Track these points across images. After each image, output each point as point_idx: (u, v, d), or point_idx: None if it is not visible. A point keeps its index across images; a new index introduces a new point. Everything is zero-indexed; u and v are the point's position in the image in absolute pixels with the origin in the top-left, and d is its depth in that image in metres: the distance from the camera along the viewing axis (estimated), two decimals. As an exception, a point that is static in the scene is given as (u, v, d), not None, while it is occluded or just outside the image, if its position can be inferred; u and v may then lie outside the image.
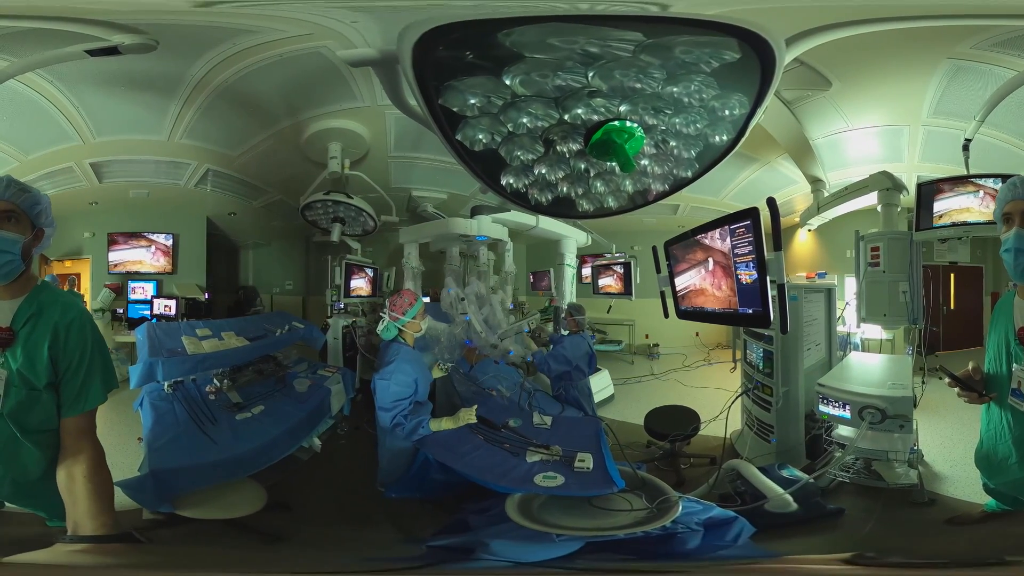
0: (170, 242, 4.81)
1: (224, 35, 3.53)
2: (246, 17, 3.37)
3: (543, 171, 2.82)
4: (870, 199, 4.16)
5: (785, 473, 3.41)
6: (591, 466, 3.01)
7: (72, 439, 2.25)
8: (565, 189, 2.96)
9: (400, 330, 3.58)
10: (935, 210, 3.84)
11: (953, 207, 3.79)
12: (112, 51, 3.28)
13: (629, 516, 2.80)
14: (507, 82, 2.32)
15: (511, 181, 2.85)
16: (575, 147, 2.70)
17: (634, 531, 2.67)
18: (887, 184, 4.02)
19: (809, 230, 4.91)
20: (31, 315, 2.20)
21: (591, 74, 2.31)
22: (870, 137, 4.18)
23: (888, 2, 3.02)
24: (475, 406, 3.39)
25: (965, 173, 3.79)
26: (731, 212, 3.12)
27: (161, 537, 2.94)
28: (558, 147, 2.70)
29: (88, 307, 4.48)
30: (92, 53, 3.29)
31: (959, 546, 3.12)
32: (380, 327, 3.62)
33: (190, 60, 3.71)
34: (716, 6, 2.64)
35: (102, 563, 2.20)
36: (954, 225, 3.77)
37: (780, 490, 3.15)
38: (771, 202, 2.91)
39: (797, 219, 4.88)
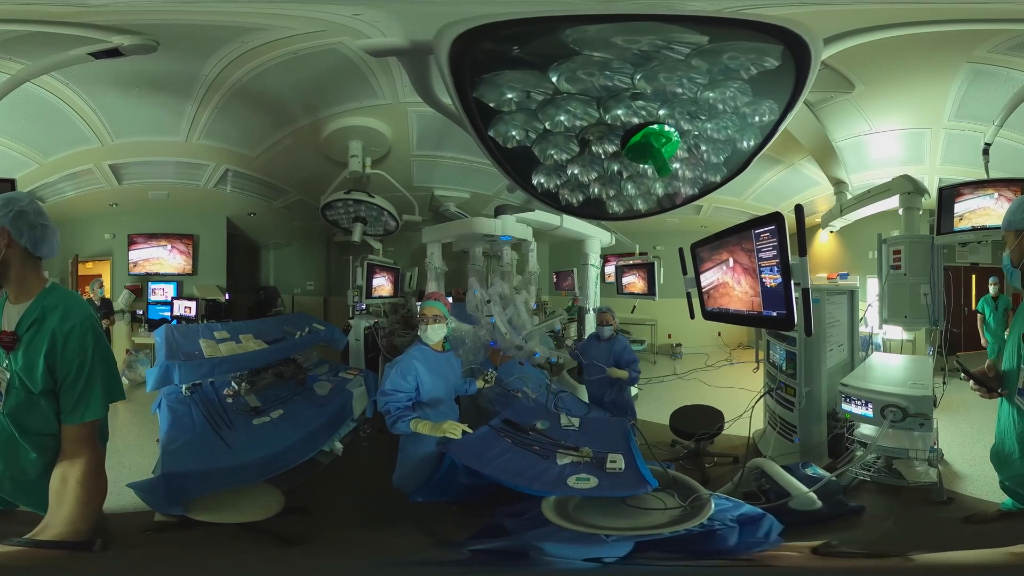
0: (190, 243, 4.79)
1: (230, 34, 3.52)
2: (251, 16, 3.35)
3: (576, 171, 2.81)
4: (892, 202, 4.22)
5: (808, 471, 3.45)
6: (623, 466, 3.00)
7: (71, 445, 2.19)
8: (597, 190, 2.95)
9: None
10: (956, 213, 3.89)
11: (973, 211, 3.84)
12: (114, 52, 3.27)
13: (665, 515, 2.79)
14: (553, 79, 2.30)
15: (542, 181, 2.83)
16: (611, 148, 2.69)
17: (677, 529, 2.67)
18: (908, 188, 4.08)
19: (831, 232, 4.95)
20: (34, 320, 2.15)
21: (638, 76, 2.31)
22: (892, 140, 4.23)
23: (909, 6, 3.05)
24: (464, 424, 3.25)
25: (985, 177, 3.85)
26: (756, 216, 3.15)
27: (166, 541, 2.94)
28: (593, 147, 2.69)
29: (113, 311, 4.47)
30: (95, 55, 3.29)
31: (973, 544, 3.16)
32: None
33: (200, 59, 3.70)
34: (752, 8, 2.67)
35: (30, 567, 2.09)
36: (974, 229, 3.83)
37: (804, 488, 3.18)
38: (798, 209, 2.95)
39: (819, 220, 4.92)
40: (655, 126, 2.53)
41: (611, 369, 4.37)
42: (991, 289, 4.46)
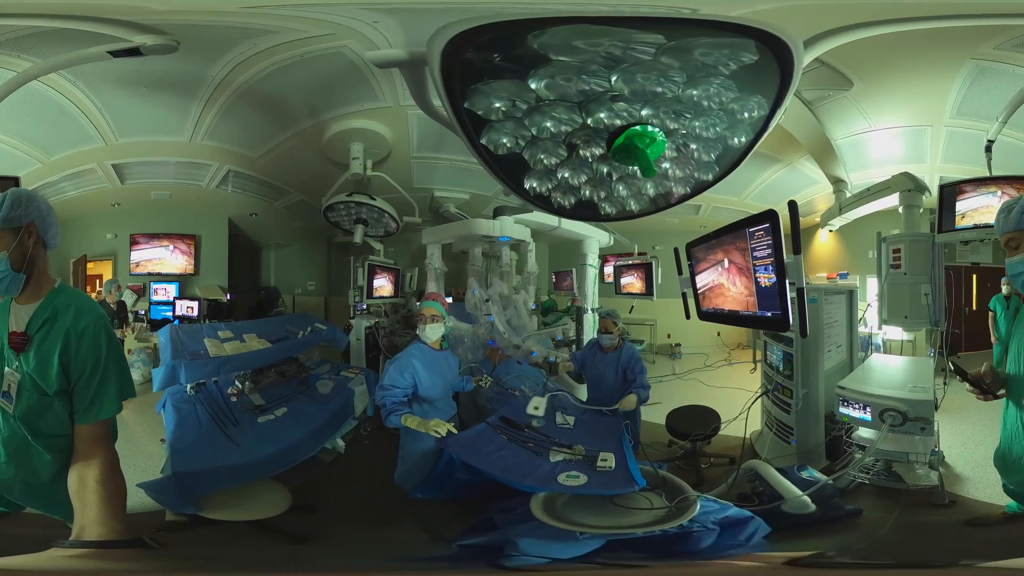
0: (192, 243, 4.84)
1: (245, 35, 3.54)
2: (267, 18, 3.38)
3: (566, 175, 2.83)
4: (892, 200, 4.17)
5: (804, 474, 3.41)
6: (613, 465, 3.04)
7: (85, 445, 2.20)
8: (588, 193, 2.97)
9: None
10: (957, 211, 3.83)
11: (975, 209, 3.78)
12: (134, 52, 3.28)
13: (649, 514, 2.84)
14: (532, 85, 2.32)
15: (534, 185, 2.86)
16: (598, 151, 2.70)
17: (652, 529, 2.71)
18: (909, 185, 4.03)
19: (831, 231, 4.90)
20: (45, 320, 2.16)
21: (614, 78, 2.31)
22: (892, 138, 4.17)
23: (909, 2, 3.01)
24: (452, 421, 3.35)
25: (988, 174, 3.78)
26: (751, 215, 3.13)
27: (181, 540, 2.99)
28: (581, 151, 2.71)
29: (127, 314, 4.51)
30: (114, 54, 3.30)
31: (977, 547, 3.12)
32: None
33: (211, 61, 3.73)
34: (737, 8, 2.65)
35: (106, 568, 2.15)
36: (976, 227, 3.76)
37: (798, 491, 3.16)
38: (792, 206, 2.91)
39: (818, 219, 4.87)
40: (638, 127, 2.53)
41: (624, 401, 3.90)
42: (1003, 288, 4.37)
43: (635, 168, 2.73)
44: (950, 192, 3.85)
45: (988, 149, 3.77)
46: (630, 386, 4.05)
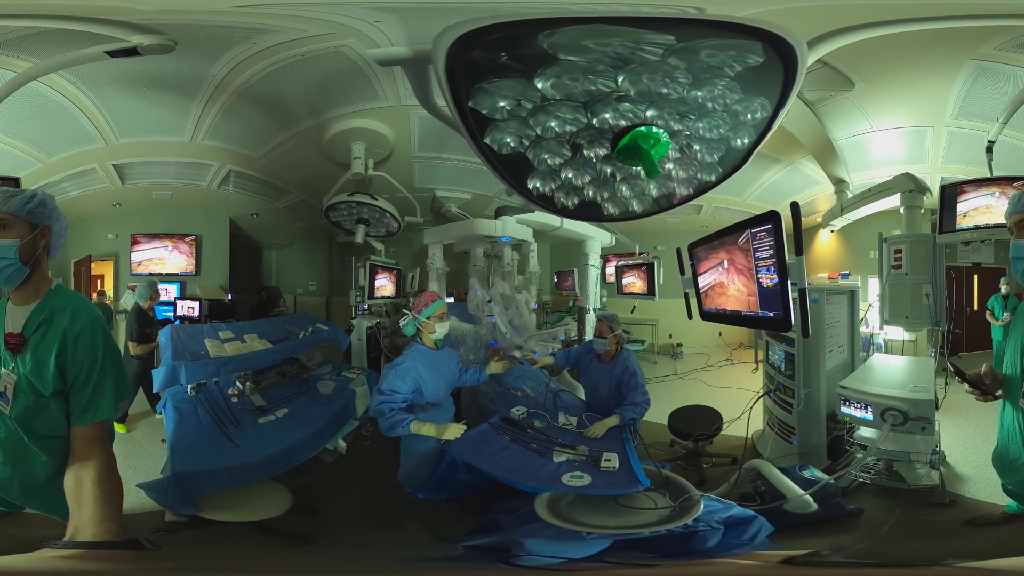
0: (193, 243, 4.83)
1: (244, 35, 3.53)
2: (267, 17, 3.37)
3: (570, 175, 2.82)
4: (893, 201, 4.18)
5: (806, 474, 3.42)
6: (616, 465, 3.05)
7: (82, 446, 2.19)
8: (591, 193, 2.96)
9: (419, 329, 3.53)
10: (958, 212, 3.84)
11: (976, 209, 3.79)
12: (131, 52, 3.27)
13: (653, 514, 2.85)
14: (539, 85, 2.32)
15: (538, 185, 2.85)
16: (602, 152, 2.70)
17: (658, 529, 2.72)
18: (910, 186, 4.03)
19: (832, 231, 4.91)
20: (42, 321, 2.15)
21: (621, 78, 2.31)
22: (894, 138, 4.19)
23: (910, 2, 3.02)
24: (464, 424, 3.27)
25: (989, 175, 3.80)
26: (753, 215, 3.12)
27: (181, 541, 2.99)
28: (585, 151, 2.70)
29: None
30: (112, 54, 3.29)
31: (977, 547, 3.13)
32: (402, 322, 3.57)
33: (210, 60, 3.72)
34: (741, 8, 2.65)
35: (99, 569, 2.14)
36: (977, 228, 3.77)
37: (800, 491, 3.17)
38: (795, 207, 2.91)
39: (819, 219, 4.88)
40: (643, 128, 2.53)
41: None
42: (1002, 288, 4.39)
43: (639, 169, 2.73)
44: (951, 193, 3.86)
45: (989, 150, 3.79)
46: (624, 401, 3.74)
